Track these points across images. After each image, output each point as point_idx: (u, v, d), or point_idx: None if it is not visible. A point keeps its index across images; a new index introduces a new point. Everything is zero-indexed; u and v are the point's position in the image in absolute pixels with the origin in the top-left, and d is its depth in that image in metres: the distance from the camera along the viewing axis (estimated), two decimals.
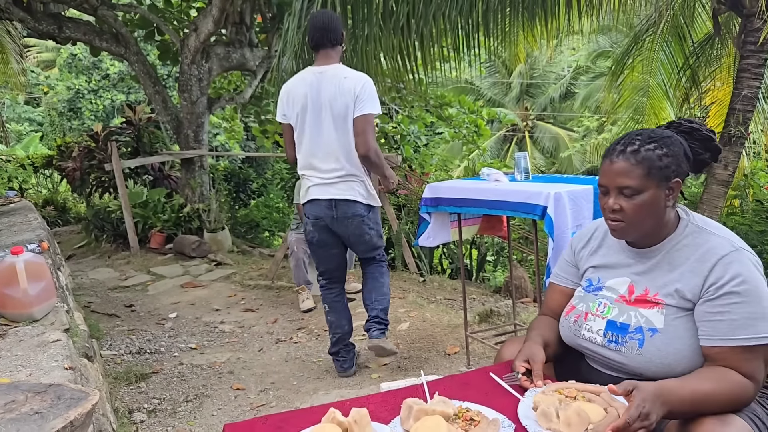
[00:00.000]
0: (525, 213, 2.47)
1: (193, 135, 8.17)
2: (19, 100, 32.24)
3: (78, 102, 25.83)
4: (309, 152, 3.19)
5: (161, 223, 7.84)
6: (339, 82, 3.06)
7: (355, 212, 3.15)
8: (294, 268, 4.99)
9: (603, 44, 22.54)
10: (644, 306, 1.56)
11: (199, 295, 5.74)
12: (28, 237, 2.94)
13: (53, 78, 32.85)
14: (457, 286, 5.93)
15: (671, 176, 1.54)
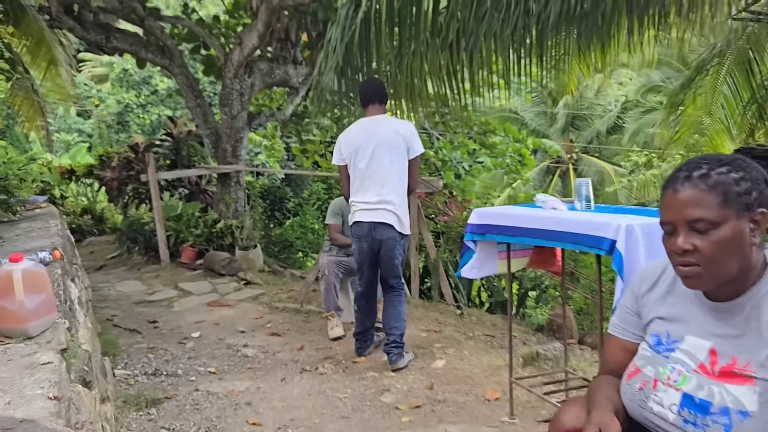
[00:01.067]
0: (589, 246, 2.13)
1: (231, 150, 8.04)
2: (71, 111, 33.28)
3: (126, 116, 26.48)
4: (359, 184, 3.83)
5: (193, 237, 7.68)
6: (389, 127, 3.82)
7: (390, 235, 3.78)
8: (324, 292, 4.71)
9: (654, 78, 22.04)
10: (732, 380, 1.21)
11: (225, 314, 5.49)
12: (43, 244, 2.73)
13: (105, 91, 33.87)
14: (496, 322, 5.56)
15: (753, 205, 1.19)
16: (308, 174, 10.93)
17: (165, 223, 7.72)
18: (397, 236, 3.79)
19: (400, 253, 3.86)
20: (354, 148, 3.81)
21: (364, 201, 3.80)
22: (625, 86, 26.03)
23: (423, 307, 5.68)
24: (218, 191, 8.29)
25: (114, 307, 5.86)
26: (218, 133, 8.13)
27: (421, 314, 5.34)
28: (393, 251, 3.80)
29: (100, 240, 10.46)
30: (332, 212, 4.88)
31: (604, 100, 25.36)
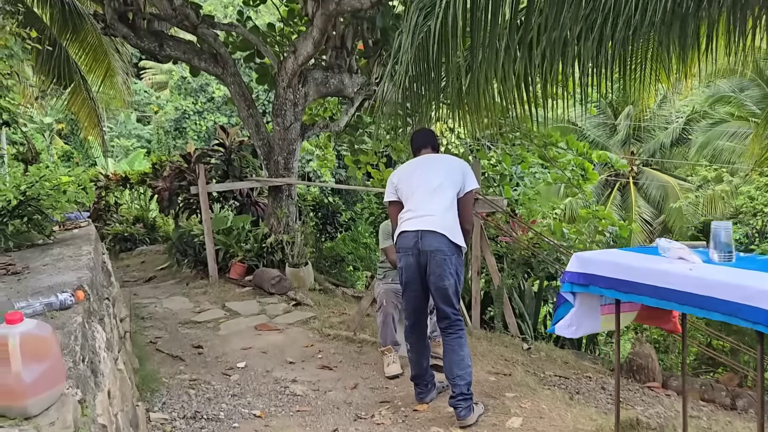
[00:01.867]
0: (747, 321, 1.63)
1: (283, 162, 7.74)
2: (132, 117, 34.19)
3: (183, 122, 26.98)
4: (406, 202, 3.56)
5: (243, 252, 7.39)
6: (445, 159, 3.75)
7: (439, 246, 3.33)
8: (381, 325, 4.28)
9: (723, 88, 20.87)
10: None
11: (273, 341, 5.14)
12: (69, 279, 2.40)
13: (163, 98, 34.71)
14: (568, 359, 5.02)
15: None
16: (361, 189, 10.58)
17: (214, 237, 7.46)
18: (449, 249, 3.34)
19: (453, 273, 3.36)
20: (407, 177, 3.62)
21: (410, 210, 3.50)
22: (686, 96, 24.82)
23: (486, 339, 5.19)
24: (270, 205, 8.00)
25: (160, 327, 5.58)
26: (270, 144, 7.85)
27: (485, 349, 4.85)
28: (443, 267, 3.32)
29: (151, 249, 10.36)
30: (384, 234, 4.46)
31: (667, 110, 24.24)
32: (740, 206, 16.25)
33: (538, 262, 5.92)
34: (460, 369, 3.31)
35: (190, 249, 7.91)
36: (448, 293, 3.36)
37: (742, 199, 15.74)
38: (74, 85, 10.13)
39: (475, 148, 15.85)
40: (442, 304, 3.40)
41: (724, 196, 17.34)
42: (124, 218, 11.42)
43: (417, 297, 3.55)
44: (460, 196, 3.52)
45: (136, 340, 5.00)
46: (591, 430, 3.00)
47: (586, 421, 3.17)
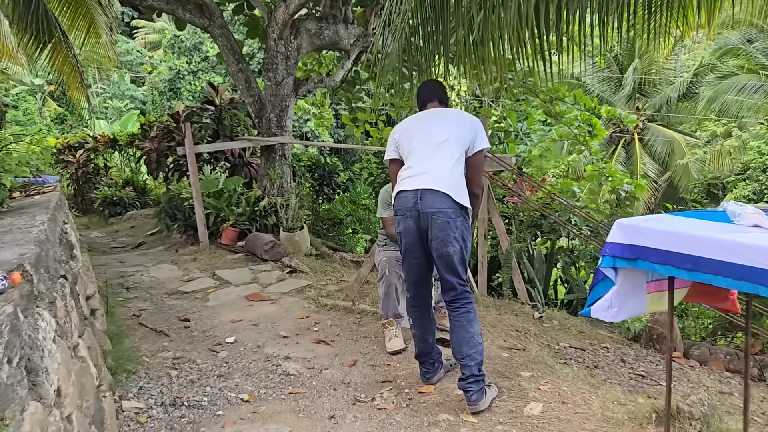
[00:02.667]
0: None
1: (275, 120, 7.27)
2: (126, 78, 33.52)
3: (178, 82, 26.41)
4: (406, 159, 3.17)
5: (234, 216, 7.00)
6: (453, 113, 3.31)
7: (441, 207, 2.93)
8: (383, 296, 3.91)
9: (731, 41, 20.17)
10: None
11: (266, 312, 4.78)
12: (8, 257, 2.00)
13: (157, 58, 33.97)
14: (583, 328, 4.67)
15: None
16: (359, 148, 10.14)
17: (204, 200, 7.06)
18: (453, 210, 2.92)
19: (459, 238, 2.93)
20: (409, 132, 3.21)
21: (410, 167, 3.09)
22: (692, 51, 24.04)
23: (495, 307, 4.83)
24: (262, 166, 7.57)
25: (145, 298, 5.22)
26: (262, 101, 7.37)
27: (494, 319, 4.50)
28: (447, 231, 2.90)
29: (141, 214, 9.97)
30: (383, 203, 4.01)
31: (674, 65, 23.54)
32: (749, 162, 15.79)
33: (549, 224, 5.53)
34: (469, 348, 2.92)
35: (179, 213, 7.51)
36: (452, 261, 2.95)
37: (752, 155, 15.27)
38: (54, 41, 9.56)
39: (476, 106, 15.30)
40: (447, 274, 2.98)
41: (732, 152, 16.87)
42: (113, 182, 10.99)
43: (419, 265, 3.13)
44: (469, 156, 3.09)
45: (117, 313, 4.65)
46: (622, 419, 2.64)
47: (614, 406, 2.82)
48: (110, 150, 12.10)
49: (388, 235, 3.94)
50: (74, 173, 11.86)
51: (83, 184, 11.92)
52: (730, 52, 20.43)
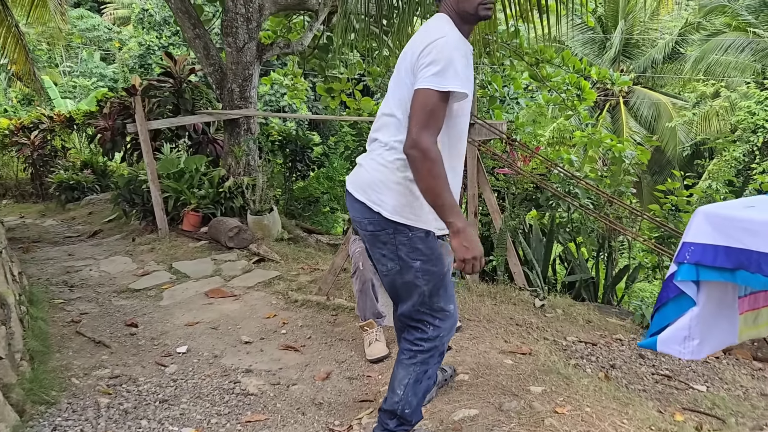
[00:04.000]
0: None
1: (238, 90, 6.54)
2: (95, 56, 32.35)
3: (149, 58, 25.47)
4: None
5: (196, 199, 6.30)
6: (414, 40, 2.03)
7: (359, 218, 2.12)
8: (358, 294, 3.28)
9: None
10: None
11: (227, 311, 4.14)
12: None
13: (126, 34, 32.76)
14: (591, 317, 4.09)
15: None
16: (334, 119, 9.43)
17: (163, 182, 6.36)
18: (375, 222, 2.06)
19: (394, 256, 2.07)
20: None
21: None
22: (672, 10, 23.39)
23: (489, 296, 4.24)
24: (226, 142, 6.86)
25: (90, 298, 4.55)
26: (222, 70, 6.63)
27: (490, 311, 3.90)
28: (375, 247, 2.11)
29: (101, 198, 9.21)
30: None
31: (659, 24, 22.93)
32: (739, 122, 15.31)
33: (547, 197, 4.92)
34: (391, 390, 2.19)
35: (137, 197, 6.79)
36: (393, 284, 2.14)
37: (742, 115, 14.77)
38: None
39: None
40: (401, 304, 2.18)
41: (722, 113, 16.37)
42: (71, 164, 10.18)
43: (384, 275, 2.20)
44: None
45: (53, 320, 3.98)
46: None
47: None
48: (68, 130, 11.27)
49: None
50: (30, 156, 11.03)
51: (40, 168, 11.10)
52: (715, 10, 19.82)
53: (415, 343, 2.13)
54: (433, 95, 1.86)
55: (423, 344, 2.12)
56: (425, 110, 1.86)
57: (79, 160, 10.46)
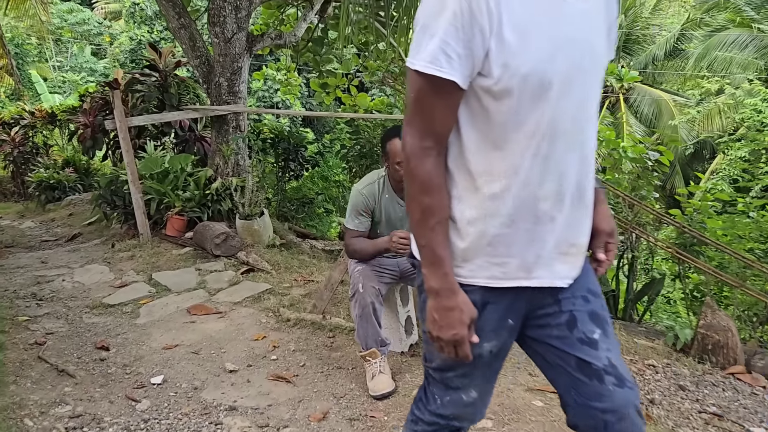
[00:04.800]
0: None
1: (226, 84, 6.08)
2: (86, 50, 31.88)
3: (140, 52, 25.02)
4: None
5: (181, 202, 5.85)
6: None
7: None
8: (358, 320, 2.84)
9: None
10: None
11: (211, 331, 3.70)
12: None
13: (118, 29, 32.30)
14: (618, 339, 3.66)
15: None
16: (329, 116, 9.00)
17: (146, 183, 5.90)
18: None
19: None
20: None
21: None
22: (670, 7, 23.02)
23: None
24: (213, 140, 6.40)
25: (59, 314, 4.09)
26: (210, 63, 6.17)
27: None
28: None
29: (83, 199, 8.74)
30: (355, 207, 2.97)
31: (660, 20, 22.55)
32: (744, 120, 14.93)
33: None
34: None
35: (119, 199, 6.33)
36: None
37: (748, 113, 14.39)
38: None
39: None
40: None
41: (727, 110, 15.98)
42: (51, 162, 9.69)
43: None
44: None
45: (13, 341, 3.52)
46: None
47: None
48: (50, 126, 10.77)
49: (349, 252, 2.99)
50: (10, 153, 10.53)
51: (21, 166, 10.60)
52: (716, 6, 19.46)
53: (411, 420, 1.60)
54: (412, 78, 1.23)
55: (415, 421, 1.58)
56: (410, 100, 1.25)
57: (61, 158, 9.97)
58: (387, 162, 2.84)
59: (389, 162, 2.81)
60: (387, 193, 2.91)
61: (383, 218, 2.94)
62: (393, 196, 2.92)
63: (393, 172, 2.82)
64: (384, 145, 2.84)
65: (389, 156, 2.79)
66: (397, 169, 2.77)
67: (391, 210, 2.93)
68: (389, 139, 2.81)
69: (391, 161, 2.78)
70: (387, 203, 2.91)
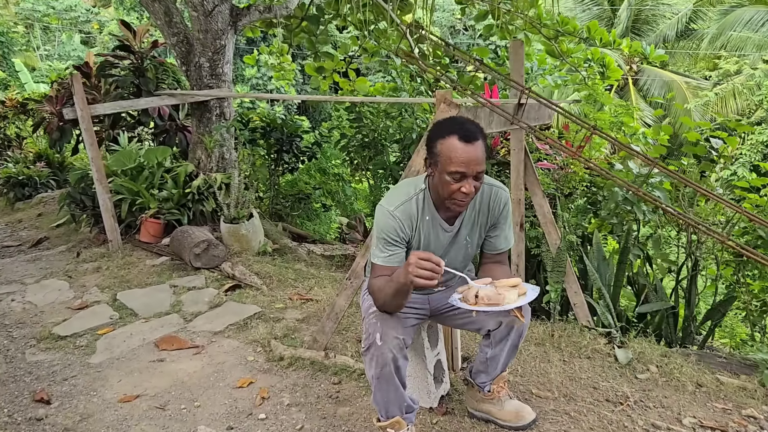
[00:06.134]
0: None
1: (208, 66, 5.26)
2: (75, 38, 31.10)
3: None
4: None
5: (157, 203, 5.04)
6: None
7: None
8: (375, 381, 2.01)
9: None
10: None
11: (183, 374, 2.90)
12: None
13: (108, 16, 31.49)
14: (701, 377, 2.89)
15: None
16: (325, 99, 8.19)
17: (116, 181, 5.10)
18: None
19: None
20: None
21: None
22: None
23: (552, 345, 3.03)
24: (194, 130, 5.58)
25: None
26: (189, 41, 5.33)
27: (561, 372, 2.70)
28: None
29: (55, 197, 7.88)
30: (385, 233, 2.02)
31: None
32: (763, 101, 14.13)
33: (616, 204, 3.69)
34: None
35: (88, 199, 5.52)
36: None
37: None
38: None
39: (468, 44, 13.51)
40: None
41: (745, 92, 15.17)
42: (21, 156, 8.84)
43: None
44: None
45: None
46: None
47: None
48: (22, 116, 9.90)
49: (374, 294, 2.02)
50: None
51: None
52: None
53: None
54: None
55: None
56: None
57: (33, 151, 9.13)
58: (433, 169, 1.96)
59: (436, 169, 1.94)
60: (428, 214, 2.06)
61: (421, 247, 2.08)
62: (435, 217, 2.06)
63: (441, 184, 1.93)
64: (433, 143, 1.95)
65: (439, 160, 1.91)
66: (448, 181, 1.89)
67: (432, 237, 2.09)
68: (441, 136, 1.92)
69: (442, 168, 1.90)
70: (428, 228, 2.07)
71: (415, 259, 1.71)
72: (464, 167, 1.85)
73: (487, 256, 2.19)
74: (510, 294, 1.77)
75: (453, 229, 2.08)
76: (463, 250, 2.14)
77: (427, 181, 2.05)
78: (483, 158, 1.88)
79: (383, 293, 1.92)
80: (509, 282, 1.84)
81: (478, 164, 1.87)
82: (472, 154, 1.85)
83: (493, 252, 2.17)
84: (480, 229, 2.13)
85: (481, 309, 1.76)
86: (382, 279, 1.96)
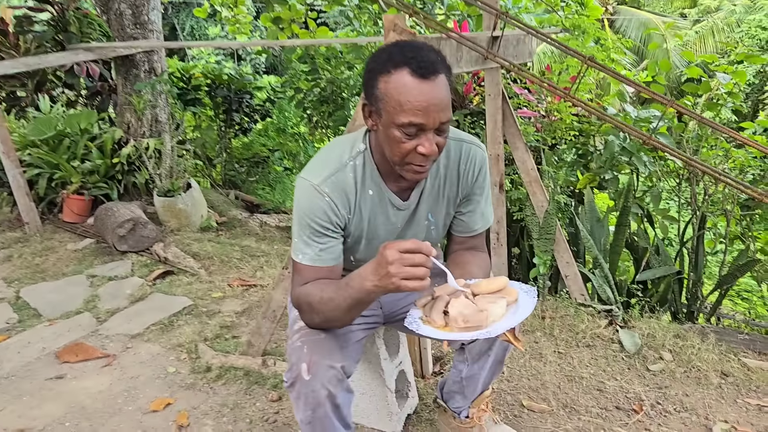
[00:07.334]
0: None
1: (130, 13, 4.51)
2: None
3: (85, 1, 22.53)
4: None
5: (80, 176, 4.35)
6: None
7: None
8: (306, 428, 1.43)
9: None
10: None
11: (85, 397, 2.30)
12: None
13: None
14: (726, 365, 2.38)
15: None
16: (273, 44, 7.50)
17: (33, 152, 4.39)
18: None
19: None
20: None
21: None
22: None
23: (543, 330, 2.49)
24: (120, 90, 4.84)
25: None
26: None
27: (557, 370, 2.15)
28: None
29: None
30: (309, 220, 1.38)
31: None
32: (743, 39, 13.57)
33: (611, 155, 3.11)
34: None
35: (4, 174, 4.80)
36: None
37: (754, 30, 13.03)
38: None
39: None
40: None
41: (725, 28, 14.59)
42: None
43: None
44: None
45: None
46: None
47: None
48: None
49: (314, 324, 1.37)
50: None
51: None
52: None
53: None
54: None
55: None
56: None
57: None
58: (375, 121, 1.31)
59: (380, 121, 1.29)
60: (372, 186, 1.42)
61: (364, 235, 1.46)
62: (382, 191, 1.43)
63: (389, 142, 1.28)
64: (373, 82, 1.27)
65: (384, 107, 1.25)
66: (398, 137, 1.24)
67: (379, 219, 1.46)
68: (384, 70, 1.24)
69: (388, 119, 1.25)
70: (372, 206, 1.44)
71: (398, 254, 1.13)
72: (421, 116, 1.18)
73: (457, 241, 1.55)
74: (495, 307, 1.17)
75: (408, 206, 1.44)
76: (424, 234, 1.50)
77: (368, 138, 1.42)
78: (448, 101, 1.21)
79: (328, 307, 1.31)
80: (491, 285, 1.23)
81: (441, 110, 1.19)
82: (432, 94, 1.18)
83: (467, 234, 1.54)
84: (447, 203, 1.49)
85: (454, 338, 1.16)
86: (318, 285, 1.34)
